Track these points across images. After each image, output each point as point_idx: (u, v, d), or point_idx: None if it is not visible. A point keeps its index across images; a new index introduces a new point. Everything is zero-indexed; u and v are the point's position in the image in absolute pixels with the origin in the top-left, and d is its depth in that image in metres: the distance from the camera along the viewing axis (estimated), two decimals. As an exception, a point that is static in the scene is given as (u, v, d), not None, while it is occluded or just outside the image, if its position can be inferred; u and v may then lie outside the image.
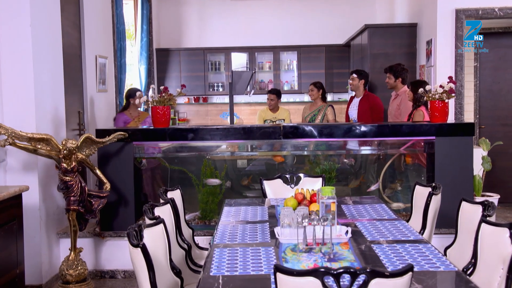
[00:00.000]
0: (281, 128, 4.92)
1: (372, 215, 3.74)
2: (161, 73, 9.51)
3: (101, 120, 6.42)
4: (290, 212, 3.15)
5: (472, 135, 4.87)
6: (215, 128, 4.97)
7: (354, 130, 4.93)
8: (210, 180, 5.19)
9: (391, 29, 7.45)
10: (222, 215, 3.82)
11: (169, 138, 5.00)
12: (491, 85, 7.59)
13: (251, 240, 3.14)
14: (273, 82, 9.72)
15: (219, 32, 9.75)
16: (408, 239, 3.08)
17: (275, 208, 3.99)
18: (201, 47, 9.64)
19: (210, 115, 9.86)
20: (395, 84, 6.26)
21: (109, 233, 5.02)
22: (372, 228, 3.36)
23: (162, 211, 3.39)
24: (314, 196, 3.63)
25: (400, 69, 6.23)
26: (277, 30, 9.72)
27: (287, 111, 7.36)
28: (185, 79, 9.52)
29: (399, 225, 3.43)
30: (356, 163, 5.73)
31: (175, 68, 9.59)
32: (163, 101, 4.94)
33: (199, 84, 9.57)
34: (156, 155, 5.37)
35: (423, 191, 3.93)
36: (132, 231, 2.67)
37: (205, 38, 9.78)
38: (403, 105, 6.11)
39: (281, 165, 5.91)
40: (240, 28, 9.73)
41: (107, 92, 6.68)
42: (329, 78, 9.53)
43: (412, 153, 5.45)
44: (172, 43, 9.70)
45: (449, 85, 4.83)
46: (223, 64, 9.74)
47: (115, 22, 7.00)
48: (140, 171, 5.27)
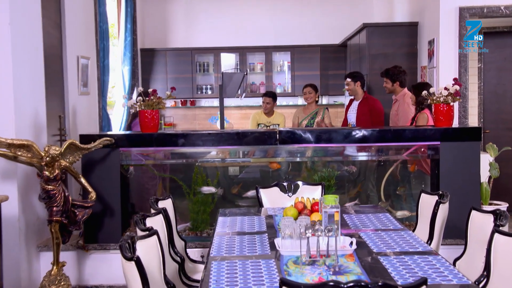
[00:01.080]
0: (278, 133, 4.92)
1: (376, 225, 3.75)
2: (146, 74, 9.49)
3: (83, 124, 6.38)
4: (291, 222, 3.16)
5: (479, 140, 4.92)
6: (207, 133, 4.97)
7: (354, 135, 4.95)
8: (205, 188, 5.18)
9: (390, 28, 7.50)
10: (217, 225, 3.81)
11: (158, 144, 4.99)
12: (496, 87, 7.67)
13: (250, 252, 3.13)
14: (265, 84, 9.75)
15: (207, 31, 9.76)
16: (416, 251, 3.10)
17: (273, 218, 3.99)
18: (189, 47, 9.64)
19: (198, 119, 9.85)
20: (393, 88, 6.31)
21: (94, 246, 4.99)
22: (378, 239, 3.37)
23: (154, 221, 3.39)
24: (316, 205, 3.64)
25: (397, 72, 6.27)
26: (269, 29, 9.75)
27: (283, 116, 7.38)
28: (172, 81, 9.51)
29: (405, 235, 3.45)
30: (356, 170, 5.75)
31: (161, 70, 9.58)
32: (152, 104, 4.94)
33: (187, 86, 9.56)
34: (144, 162, 5.35)
35: (429, 199, 3.96)
36: (125, 244, 2.66)
37: (192, 38, 9.78)
38: (401, 110, 6.16)
39: (275, 172, 5.91)
40: (230, 27, 9.75)
41: (90, 95, 6.64)
42: (324, 80, 9.57)
43: (415, 159, 5.48)
44: (157, 43, 9.70)
45: (454, 87, 4.87)
46: (212, 65, 9.74)
47: (97, 21, 6.97)
48: (127, 179, 5.25)
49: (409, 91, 6.07)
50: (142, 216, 3.30)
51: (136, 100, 4.95)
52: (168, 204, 3.90)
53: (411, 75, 7.34)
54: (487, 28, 7.43)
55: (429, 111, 5.63)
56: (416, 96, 5.74)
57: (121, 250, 2.62)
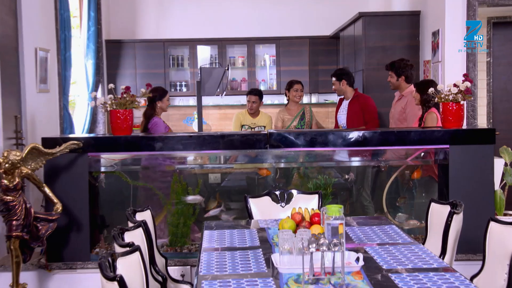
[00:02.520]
0: (268, 136, 4.93)
1: (383, 238, 3.77)
2: (112, 69, 9.44)
3: (42, 126, 6.32)
4: (291, 236, 3.16)
5: (493, 142, 4.98)
6: (188, 136, 4.96)
7: (354, 138, 4.98)
8: (189, 197, 5.17)
9: (389, 18, 7.57)
10: (203, 240, 3.80)
11: (132, 148, 4.96)
12: (506, 83, 7.78)
13: (244, 270, 3.13)
14: (247, 80, 9.76)
15: (182, 21, 9.74)
16: (430, 267, 3.12)
17: (265, 231, 3.99)
18: (161, 39, 9.60)
19: (171, 120, 9.81)
20: (398, 84, 6.36)
21: (58, 265, 4.94)
22: (386, 254, 3.39)
23: (133, 236, 3.37)
24: (315, 216, 3.65)
25: (403, 65, 6.33)
26: (252, 18, 9.77)
27: (269, 117, 7.39)
28: (141, 76, 9.48)
29: (416, 250, 3.47)
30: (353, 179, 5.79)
31: (129, 64, 9.54)
32: (125, 103, 4.91)
33: (158, 83, 9.42)
34: (115, 169, 5.32)
35: (441, 209, 3.99)
36: (105, 262, 2.65)
37: (165, 28, 9.75)
38: (410, 108, 6.19)
39: (262, 179, 5.92)
40: (208, 16, 9.75)
41: (49, 92, 6.59)
42: (314, 76, 9.62)
43: (421, 164, 5.52)
44: (125, 33, 9.65)
45: (465, 84, 4.92)
46: (187, 59, 9.72)
47: (58, 8, 6.92)
48: (96, 189, 5.22)
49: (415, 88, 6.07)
50: (120, 230, 3.28)
51: (107, 98, 4.91)
52: (147, 216, 3.88)
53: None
54: (496, 18, 7.54)
55: (436, 110, 5.68)
56: (421, 94, 5.79)
57: (101, 269, 2.60)
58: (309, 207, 4.15)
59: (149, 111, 6.36)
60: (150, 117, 6.33)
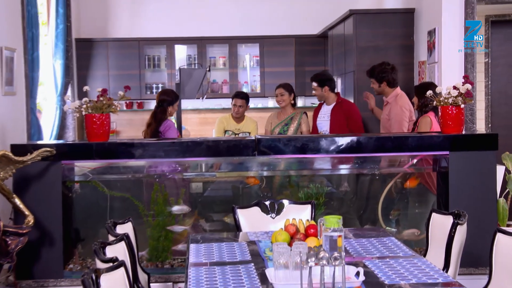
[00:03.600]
0: (256, 143, 4.94)
1: (382, 251, 3.80)
2: (82, 70, 9.40)
3: (8, 132, 6.26)
4: (286, 249, 3.17)
5: (496, 149, 5.04)
6: (170, 143, 4.96)
7: (349, 144, 5.01)
8: (175, 207, 5.17)
9: (382, 16, 7.63)
10: (189, 254, 3.79)
11: (109, 155, 4.96)
12: (506, 86, 7.88)
13: (236, 286, 3.13)
14: (229, 83, 9.77)
15: (158, 18, 9.72)
16: (435, 282, 3.15)
17: (256, 244, 4.00)
18: (135, 38, 9.58)
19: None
20: (381, 89, 6.40)
21: (28, 283, 4.90)
22: (387, 268, 3.41)
23: (115, 250, 3.36)
24: (311, 228, 3.66)
25: (383, 69, 6.36)
26: (234, 16, 9.78)
27: (255, 123, 7.40)
28: (115, 78, 9.44)
29: (419, 263, 3.50)
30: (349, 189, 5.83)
31: (101, 65, 9.49)
32: (101, 107, 4.89)
33: (133, 85, 9.43)
34: (91, 178, 5.30)
35: (443, 220, 4.03)
36: (88, 279, 2.65)
37: (140, 26, 9.72)
38: (393, 114, 6.23)
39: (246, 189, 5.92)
40: (186, 13, 9.73)
41: (16, 95, 6.53)
42: (300, 78, 9.64)
43: (419, 172, 5.57)
44: (97, 31, 9.61)
45: (465, 87, 4.97)
46: (164, 59, 9.71)
47: (25, 4, 6.88)
48: (70, 199, 5.19)
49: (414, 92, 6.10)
50: (101, 244, 3.27)
51: (82, 101, 4.89)
52: (128, 229, 3.88)
53: (407, 71, 7.49)
54: (495, 16, 7.64)
55: (433, 114, 5.73)
56: (419, 98, 5.83)
57: (84, 286, 2.59)
58: (302, 218, 4.17)
59: (160, 114, 6.36)
60: (161, 120, 6.33)
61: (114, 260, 3.02)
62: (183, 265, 5.12)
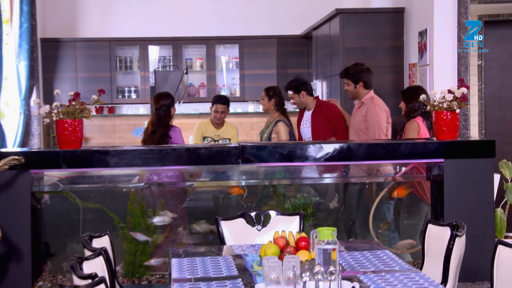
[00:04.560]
0: (240, 150, 4.94)
1: (377, 265, 3.81)
2: (48, 72, 9.35)
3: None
4: (278, 264, 3.16)
5: (493, 156, 5.08)
6: (149, 150, 4.94)
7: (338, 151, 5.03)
8: (157, 218, 5.16)
9: (370, 15, 7.67)
10: (172, 270, 3.78)
11: (82, 164, 4.93)
12: (500, 89, 7.95)
13: (224, 303, 3.13)
14: (207, 86, 9.77)
15: (131, 17, 9.70)
16: (436, 297, 3.17)
17: (242, 258, 3.99)
18: (106, 38, 9.54)
19: (118, 131, 9.75)
20: (356, 91, 6.42)
21: (-7, 301, 4.86)
22: (383, 282, 3.42)
23: (93, 266, 3.34)
24: (302, 240, 3.67)
25: (359, 70, 6.40)
26: (211, 15, 9.78)
27: (235, 129, 7.39)
28: (83, 81, 9.39)
29: (417, 278, 3.52)
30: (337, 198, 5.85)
31: (69, 66, 9.45)
32: (73, 112, 4.87)
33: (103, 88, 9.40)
34: (62, 188, 5.26)
35: (440, 231, 4.05)
36: (67, 296, 2.61)
37: (111, 25, 9.70)
38: (370, 115, 6.24)
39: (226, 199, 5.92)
40: (161, 11, 9.72)
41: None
42: (282, 81, 9.57)
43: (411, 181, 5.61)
44: (64, 31, 9.56)
45: (461, 90, 5.01)
46: (137, 61, 9.69)
47: (-14, 1, 6.84)
48: (39, 211, 5.16)
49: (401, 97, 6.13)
50: (78, 259, 3.24)
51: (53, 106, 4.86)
52: (105, 243, 3.86)
53: (397, 74, 7.55)
54: (488, 16, 7.72)
55: (421, 119, 5.78)
56: (407, 103, 5.88)
57: (64, 304, 2.57)
58: (289, 230, 4.17)
59: (166, 118, 6.32)
60: (168, 124, 6.33)
61: (94, 276, 2.99)
62: (162, 282, 5.11)
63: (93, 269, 3.25)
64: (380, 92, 7.13)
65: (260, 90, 7.46)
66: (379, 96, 6.45)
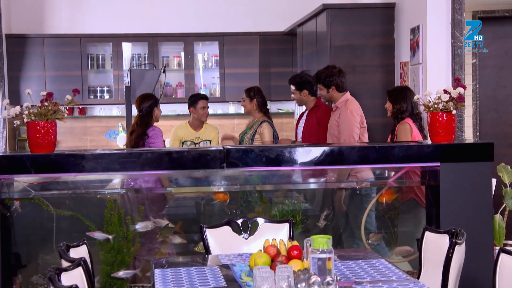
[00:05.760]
0: (225, 153, 4.94)
1: (373, 275, 3.83)
2: (14, 71, 9.28)
3: None
4: (270, 274, 3.18)
5: (491, 159, 5.12)
6: (127, 154, 4.93)
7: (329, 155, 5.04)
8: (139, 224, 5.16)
9: (359, 11, 7.68)
10: (155, 281, 3.77)
11: (55, 169, 4.88)
12: (495, 89, 8.02)
13: (213, 316, 3.13)
14: (184, 86, 9.76)
15: (103, 12, 9.68)
16: (436, 308, 3.19)
17: (230, 269, 4.00)
18: (76, 34, 9.52)
19: (90, 134, 9.72)
20: (329, 95, 6.45)
21: (-40, 317, 4.82)
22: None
23: (72, 278, 3.33)
24: (294, 249, 3.68)
25: (329, 74, 6.41)
26: (190, 10, 9.79)
27: (216, 130, 7.40)
28: (52, 80, 9.35)
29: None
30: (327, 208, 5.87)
31: (36, 64, 9.41)
32: (46, 114, 4.83)
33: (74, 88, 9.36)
34: (34, 195, 5.24)
35: (438, 239, 4.09)
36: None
37: (82, 20, 9.67)
38: (343, 119, 6.25)
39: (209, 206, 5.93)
40: (135, 6, 9.72)
41: None
42: (265, 81, 9.67)
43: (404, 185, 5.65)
44: (31, 26, 9.52)
45: (457, 90, 5.05)
46: (110, 59, 9.68)
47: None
48: (9, 220, 5.13)
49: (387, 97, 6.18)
50: (56, 270, 3.23)
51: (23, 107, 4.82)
52: (83, 253, 3.85)
53: (387, 74, 7.57)
54: (483, 12, 7.79)
55: (411, 121, 5.82)
56: (394, 104, 5.93)
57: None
58: (278, 238, 4.19)
59: (147, 117, 6.44)
60: (148, 122, 6.42)
61: (75, 288, 2.99)
62: (143, 294, 5.11)
63: (73, 281, 3.25)
64: (370, 92, 7.20)
65: (241, 90, 7.46)
66: (369, 96, 6.50)
